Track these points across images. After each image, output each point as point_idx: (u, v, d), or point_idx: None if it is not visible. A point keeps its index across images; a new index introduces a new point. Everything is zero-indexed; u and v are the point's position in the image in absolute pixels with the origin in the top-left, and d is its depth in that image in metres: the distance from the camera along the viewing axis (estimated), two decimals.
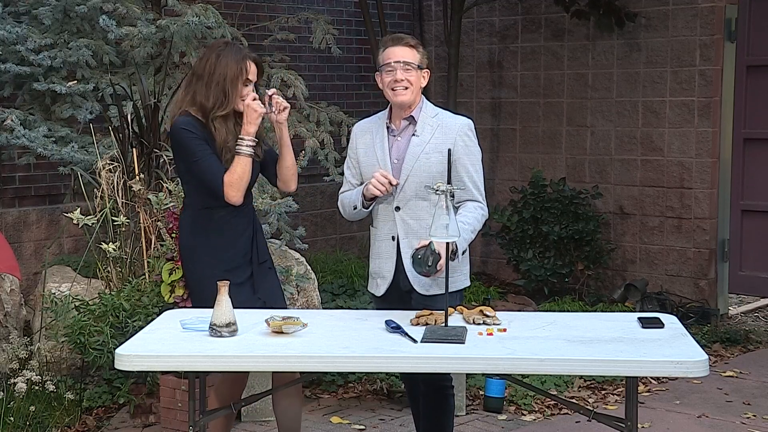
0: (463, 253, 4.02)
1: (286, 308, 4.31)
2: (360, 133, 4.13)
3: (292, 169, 4.19)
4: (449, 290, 4.02)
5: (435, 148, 3.98)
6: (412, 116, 4.04)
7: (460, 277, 4.11)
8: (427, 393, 4.18)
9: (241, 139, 4.01)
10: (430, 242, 3.72)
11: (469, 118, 4.16)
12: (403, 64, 3.95)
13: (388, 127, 4.07)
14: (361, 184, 4.09)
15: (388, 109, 4.11)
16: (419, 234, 3.92)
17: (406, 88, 3.96)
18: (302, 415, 4.41)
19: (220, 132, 4.03)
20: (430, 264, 3.72)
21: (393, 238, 4.03)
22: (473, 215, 3.98)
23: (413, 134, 4.02)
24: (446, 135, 4.01)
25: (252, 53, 4.12)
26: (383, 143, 4.04)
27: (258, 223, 4.27)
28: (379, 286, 4.12)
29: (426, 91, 9.04)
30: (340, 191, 4.19)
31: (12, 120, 5.59)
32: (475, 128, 4.15)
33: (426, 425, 4.24)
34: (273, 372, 4.36)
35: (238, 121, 4.06)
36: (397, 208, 4.02)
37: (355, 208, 4.06)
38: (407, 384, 4.41)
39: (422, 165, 3.97)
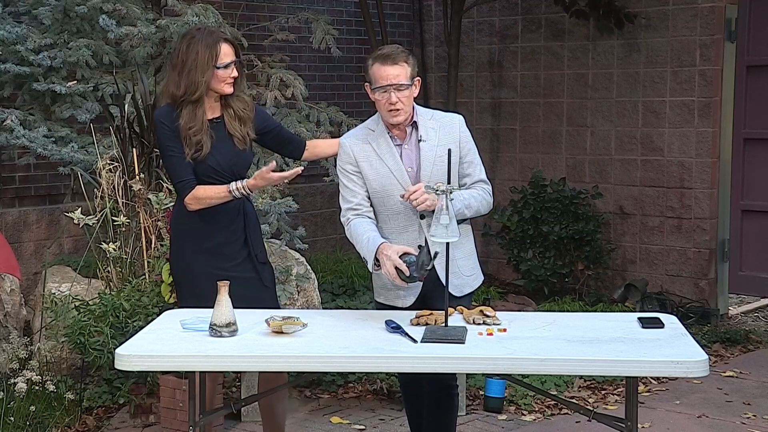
0: (463, 220, 3.97)
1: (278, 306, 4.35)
2: (355, 147, 4.02)
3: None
4: (471, 291, 4.15)
5: (446, 149, 3.91)
6: (414, 122, 4.02)
7: (477, 273, 4.20)
8: (432, 393, 4.18)
9: (246, 183, 4.02)
10: (426, 246, 3.73)
11: (459, 113, 4.21)
12: (396, 87, 3.91)
13: (391, 137, 4.01)
14: (368, 196, 4.01)
15: (379, 117, 4.04)
16: None
17: (401, 109, 3.92)
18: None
19: (184, 118, 4.04)
20: (429, 267, 3.72)
21: (420, 247, 3.96)
22: (476, 193, 4.01)
23: (419, 140, 4.00)
24: (450, 134, 4.02)
25: (225, 34, 4.10)
26: (392, 153, 3.98)
27: (250, 211, 4.25)
28: (404, 297, 4.05)
29: (426, 91, 9.04)
30: (348, 214, 4.01)
31: (12, 120, 5.59)
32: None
33: (430, 425, 4.24)
34: (260, 375, 4.38)
35: (222, 106, 4.08)
36: (422, 216, 3.98)
37: (365, 258, 3.96)
38: (405, 386, 4.39)
39: (439, 168, 3.92)
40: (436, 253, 3.71)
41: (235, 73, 4.05)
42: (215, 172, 4.09)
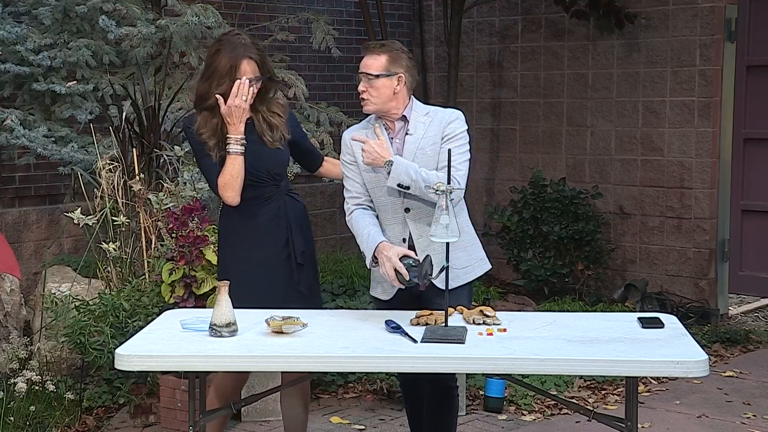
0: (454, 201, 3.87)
1: (320, 306, 4.30)
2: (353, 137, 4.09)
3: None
4: (463, 283, 4.09)
5: (430, 141, 3.98)
6: (404, 116, 4.04)
7: (475, 265, 4.14)
8: (432, 393, 4.18)
9: (229, 137, 4.02)
10: (427, 255, 3.74)
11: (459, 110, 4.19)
12: (364, 75, 3.96)
13: (387, 130, 4.06)
14: (364, 185, 4.05)
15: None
16: None
17: (368, 99, 3.96)
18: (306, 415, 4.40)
19: (198, 122, 4.07)
20: (433, 277, 3.71)
21: (404, 240, 3.99)
22: (435, 174, 3.90)
23: (407, 133, 4.03)
24: (437, 127, 4.01)
25: (253, 50, 4.05)
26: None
27: (293, 211, 4.21)
28: (386, 290, 4.06)
29: (426, 91, 9.03)
30: (350, 203, 4.06)
31: (12, 120, 5.60)
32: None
33: (430, 425, 4.24)
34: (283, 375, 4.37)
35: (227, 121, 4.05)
36: (407, 210, 4.00)
37: (363, 254, 3.97)
38: (405, 385, 4.39)
39: (420, 160, 3.95)
40: (442, 267, 3.67)
41: (254, 89, 4.02)
42: (249, 173, 4.06)
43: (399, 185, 3.90)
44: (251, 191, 4.09)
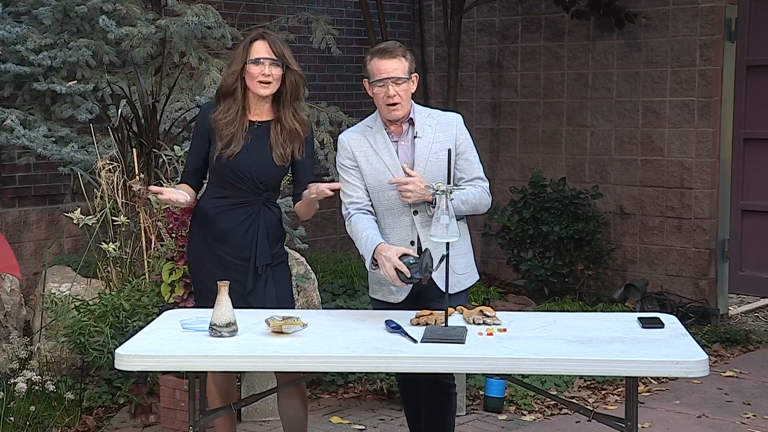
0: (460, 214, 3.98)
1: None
2: (353, 142, 4.06)
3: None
4: (463, 288, 4.14)
5: (441, 146, 4.00)
6: (411, 119, 4.06)
7: (472, 272, 4.19)
8: (429, 393, 4.18)
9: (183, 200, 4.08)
10: (426, 249, 3.75)
11: (458, 112, 4.24)
12: (394, 80, 3.95)
13: (388, 133, 4.06)
14: (367, 191, 4.04)
15: (377, 115, 4.09)
16: None
17: (399, 103, 3.96)
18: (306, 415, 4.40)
19: (220, 109, 4.06)
20: (433, 269, 3.72)
21: (412, 242, 4.00)
22: (474, 190, 4.03)
23: (415, 136, 4.03)
24: (446, 132, 4.06)
25: (268, 33, 4.08)
26: (389, 148, 4.02)
27: (266, 221, 4.13)
28: (396, 293, 4.06)
29: (426, 91, 9.04)
30: (349, 208, 4.04)
31: (12, 120, 5.60)
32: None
33: (428, 425, 4.24)
34: (276, 372, 4.37)
35: (244, 106, 4.06)
36: (416, 212, 4.01)
37: (363, 257, 3.98)
38: (403, 385, 4.40)
39: (433, 164, 3.99)
40: (442, 257, 3.69)
41: (266, 71, 3.98)
42: (236, 175, 4.04)
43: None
44: (228, 190, 4.09)
